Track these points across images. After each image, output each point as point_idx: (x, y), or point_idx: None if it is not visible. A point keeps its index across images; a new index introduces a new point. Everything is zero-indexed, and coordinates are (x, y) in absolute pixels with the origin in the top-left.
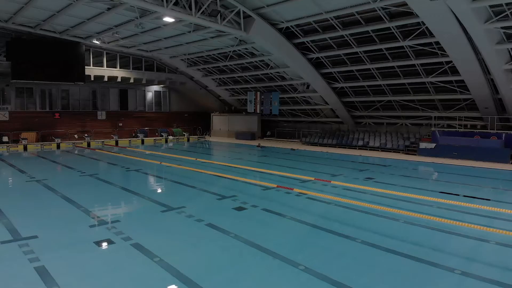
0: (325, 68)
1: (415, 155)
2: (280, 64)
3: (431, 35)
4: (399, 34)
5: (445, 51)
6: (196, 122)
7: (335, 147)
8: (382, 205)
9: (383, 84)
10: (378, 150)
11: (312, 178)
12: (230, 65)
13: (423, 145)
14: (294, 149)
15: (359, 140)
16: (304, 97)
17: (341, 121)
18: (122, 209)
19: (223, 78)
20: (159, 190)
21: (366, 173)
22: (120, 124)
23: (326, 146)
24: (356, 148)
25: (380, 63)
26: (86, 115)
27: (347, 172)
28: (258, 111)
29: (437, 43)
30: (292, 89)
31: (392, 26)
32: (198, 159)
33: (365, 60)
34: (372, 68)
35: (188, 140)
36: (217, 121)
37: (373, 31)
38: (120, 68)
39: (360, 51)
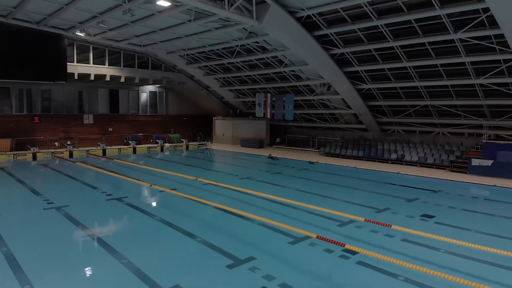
0: (351, 66)
1: (465, 173)
2: (297, 61)
3: (493, 26)
4: (450, 24)
5: (507, 47)
6: (197, 127)
7: (362, 159)
8: (470, 276)
9: (421, 86)
10: (416, 166)
11: (352, 217)
12: (237, 62)
13: (475, 161)
14: (313, 162)
15: (391, 153)
16: (322, 100)
17: (365, 128)
18: None
19: (228, 77)
20: (147, 251)
21: (418, 206)
22: (110, 130)
23: (350, 159)
24: (388, 162)
25: (419, 61)
26: (71, 119)
27: (392, 202)
28: (268, 116)
29: (498, 36)
30: (308, 91)
31: (443, 15)
32: (198, 179)
33: (401, 57)
34: (409, 67)
35: (187, 147)
36: (220, 126)
37: (417, 20)
38: (109, 65)
39: (396, 46)
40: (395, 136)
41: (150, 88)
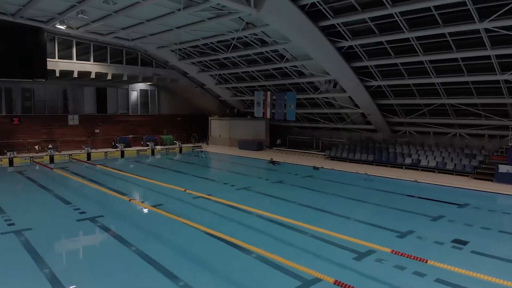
0: (359, 60)
1: (491, 181)
2: (300, 56)
3: None
4: (475, 12)
5: None
6: (191, 128)
7: (372, 164)
8: None
9: (438, 83)
10: (434, 172)
11: (372, 245)
12: (233, 57)
13: (503, 168)
14: (317, 168)
15: (405, 157)
16: (327, 98)
17: (374, 129)
18: None
19: (224, 74)
20: None
21: (446, 226)
22: (97, 131)
23: (359, 163)
24: (402, 168)
25: (438, 54)
26: (54, 120)
27: (414, 222)
28: (268, 116)
29: None
30: (312, 88)
31: (468, 1)
32: (187, 191)
33: (417, 50)
34: (426, 61)
35: (181, 150)
36: (216, 126)
37: (437, 7)
38: (94, 61)
39: (412, 37)
40: (407, 138)
41: (141, 86)
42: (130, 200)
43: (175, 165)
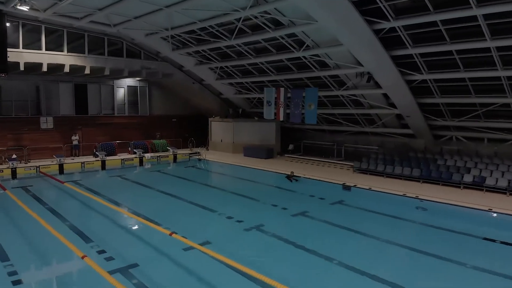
0: (402, 47)
1: None
2: (324, 41)
3: None
4: None
5: None
6: (188, 131)
7: (418, 181)
8: None
9: (504, 77)
10: (505, 194)
11: None
12: (238, 45)
13: None
14: (348, 188)
15: (462, 172)
16: (354, 95)
17: (411, 134)
18: None
19: (227, 67)
20: None
21: None
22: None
23: (400, 179)
24: (460, 187)
25: (508, 39)
26: (23, 123)
27: None
28: (281, 118)
29: None
30: (336, 84)
31: None
32: (174, 235)
33: (484, 33)
34: (493, 48)
35: (175, 159)
36: (218, 129)
37: None
38: (68, 52)
39: (479, 15)
40: (452, 145)
41: (129, 82)
42: (84, 258)
43: (165, 182)
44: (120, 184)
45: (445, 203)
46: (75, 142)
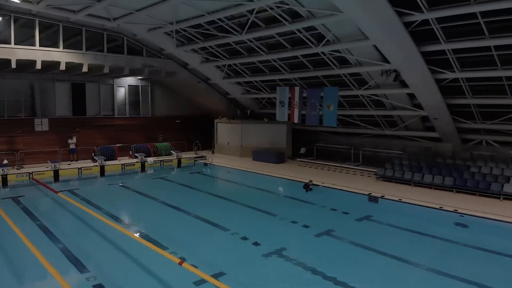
0: (434, 42)
1: None
2: (346, 35)
3: None
4: None
5: None
6: (193, 133)
7: (451, 191)
8: None
9: None
10: None
11: None
12: (250, 40)
13: None
14: (376, 199)
15: (500, 181)
16: (375, 95)
17: (437, 137)
18: None
19: (235, 64)
20: None
21: None
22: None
23: (430, 188)
24: (499, 198)
25: None
26: (16, 125)
27: None
28: (295, 120)
29: None
30: (356, 82)
31: None
32: (184, 264)
33: None
34: None
35: (179, 163)
36: (224, 131)
37: None
38: (64, 48)
39: None
40: (481, 149)
41: (130, 81)
42: None
43: (169, 191)
44: (120, 194)
45: (487, 218)
46: (72, 146)
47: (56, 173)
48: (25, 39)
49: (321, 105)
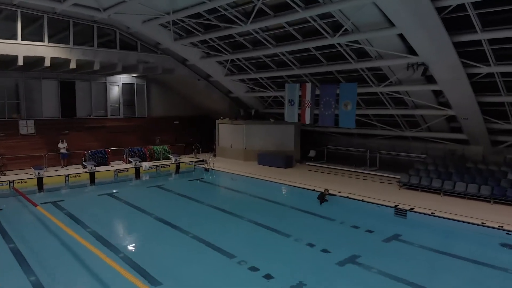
0: (469, 32)
1: None
2: (367, 23)
3: None
4: None
5: None
6: (192, 134)
7: (488, 201)
8: None
9: None
10: None
11: None
12: (255, 31)
13: None
14: (402, 212)
15: None
16: (397, 93)
17: (463, 139)
18: None
19: (239, 59)
20: None
21: None
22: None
23: (463, 198)
24: None
25: None
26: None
27: None
28: (307, 121)
29: None
30: (375, 78)
31: None
32: None
33: None
34: None
35: (178, 168)
36: (226, 132)
37: None
38: (50, 43)
39: None
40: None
41: (124, 79)
42: None
43: (166, 203)
44: (109, 207)
45: None
46: (63, 151)
47: (40, 181)
48: (6, 34)
49: (337, 104)
